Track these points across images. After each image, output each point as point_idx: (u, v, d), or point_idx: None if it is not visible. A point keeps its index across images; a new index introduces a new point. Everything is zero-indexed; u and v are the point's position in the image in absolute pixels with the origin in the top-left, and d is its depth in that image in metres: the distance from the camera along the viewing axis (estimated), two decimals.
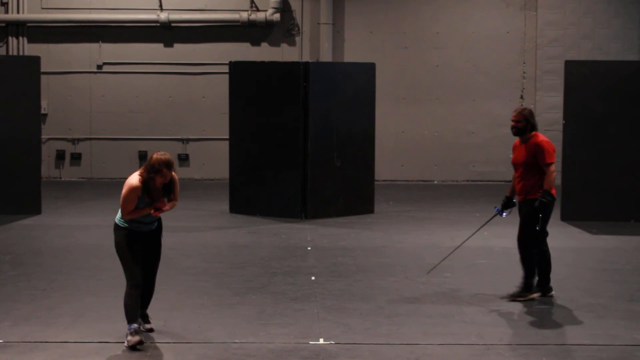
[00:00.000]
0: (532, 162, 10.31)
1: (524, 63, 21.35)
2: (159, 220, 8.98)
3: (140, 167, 21.22)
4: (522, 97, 21.38)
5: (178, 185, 8.95)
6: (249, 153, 16.38)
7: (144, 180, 8.59)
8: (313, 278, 11.39)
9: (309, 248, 13.36)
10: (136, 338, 8.43)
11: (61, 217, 15.99)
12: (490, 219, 11.42)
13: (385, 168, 20.72)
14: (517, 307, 10.12)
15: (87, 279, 11.33)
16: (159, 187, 8.69)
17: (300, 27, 21.38)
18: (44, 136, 20.16)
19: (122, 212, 8.69)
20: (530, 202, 10.35)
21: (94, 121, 21.52)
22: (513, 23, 21.34)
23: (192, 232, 14.71)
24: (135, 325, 8.51)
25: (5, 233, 14.35)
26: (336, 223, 15.63)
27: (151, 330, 9.02)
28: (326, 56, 20.91)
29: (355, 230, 15.07)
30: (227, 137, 17.13)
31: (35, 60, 16.37)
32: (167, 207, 8.74)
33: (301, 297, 10.40)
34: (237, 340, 8.80)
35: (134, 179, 8.62)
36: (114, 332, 8.99)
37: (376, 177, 17.39)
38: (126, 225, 8.75)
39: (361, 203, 16.72)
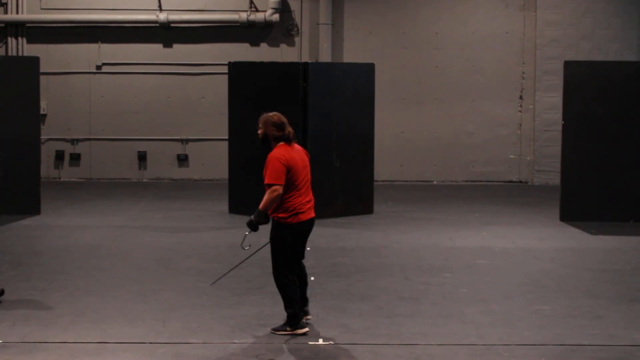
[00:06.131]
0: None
1: (524, 63, 21.36)
2: None
3: (139, 168, 21.38)
4: (521, 97, 21.38)
5: None
6: (248, 153, 16.35)
7: None
8: (312, 278, 11.38)
9: (308, 248, 13.30)
10: None
11: (60, 218, 15.99)
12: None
13: (384, 168, 20.72)
14: (516, 308, 10.12)
15: (87, 279, 11.33)
16: None
17: (299, 28, 21.38)
18: (43, 136, 20.15)
19: None
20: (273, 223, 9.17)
21: (93, 122, 21.51)
22: (512, 23, 21.34)
23: (192, 233, 14.70)
24: None
25: (4, 233, 14.34)
26: (335, 223, 15.62)
27: None
28: (325, 57, 20.91)
29: (355, 231, 15.07)
30: (227, 137, 17.13)
31: (35, 61, 16.36)
32: None
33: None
34: (236, 341, 8.80)
35: None
36: (114, 332, 9.00)
37: (375, 178, 17.39)
38: None
39: (360, 203, 16.72)
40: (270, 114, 9.23)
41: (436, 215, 16.68)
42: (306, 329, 9.06)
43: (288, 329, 9.04)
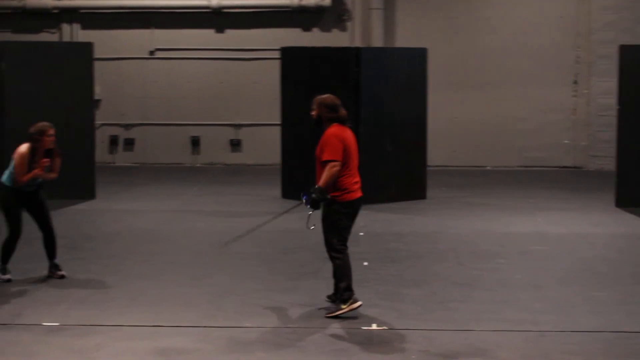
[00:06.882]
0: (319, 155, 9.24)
1: (578, 48, 21.13)
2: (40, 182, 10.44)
3: (192, 152, 21.46)
4: (575, 82, 21.17)
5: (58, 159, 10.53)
6: (300, 138, 16.34)
7: (32, 147, 10.18)
8: (366, 263, 11.39)
9: (362, 233, 13.33)
10: None
11: (115, 202, 16.12)
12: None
13: (437, 153, 20.62)
14: (571, 294, 10.04)
15: (141, 263, 11.41)
16: (42, 153, 10.25)
17: (351, 13, 21.33)
18: (97, 122, 20.27)
19: (17, 176, 10.17)
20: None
21: (147, 107, 21.64)
22: (566, 7, 21.11)
23: (244, 217, 14.75)
24: None
25: (59, 218, 14.44)
26: (388, 208, 15.60)
27: (62, 277, 10.53)
28: (377, 41, 20.84)
29: (408, 216, 15.04)
30: (279, 122, 17.15)
31: (89, 47, 16.49)
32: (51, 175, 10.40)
33: (354, 282, 10.36)
34: (290, 325, 8.82)
35: (23, 147, 10.22)
36: (168, 316, 9.06)
37: (428, 163, 17.31)
38: (11, 185, 10.27)
39: (413, 188, 16.66)
40: (324, 96, 9.37)
41: (490, 200, 16.59)
42: (360, 302, 9.12)
43: (343, 306, 9.06)
